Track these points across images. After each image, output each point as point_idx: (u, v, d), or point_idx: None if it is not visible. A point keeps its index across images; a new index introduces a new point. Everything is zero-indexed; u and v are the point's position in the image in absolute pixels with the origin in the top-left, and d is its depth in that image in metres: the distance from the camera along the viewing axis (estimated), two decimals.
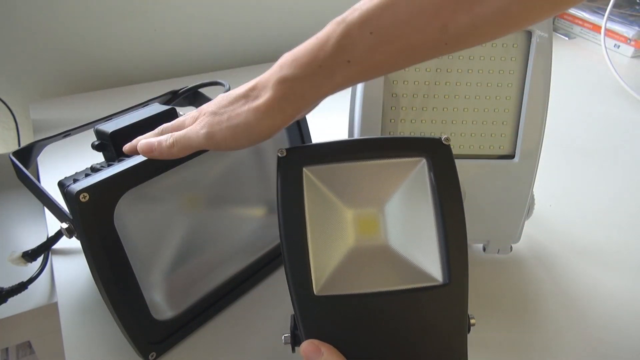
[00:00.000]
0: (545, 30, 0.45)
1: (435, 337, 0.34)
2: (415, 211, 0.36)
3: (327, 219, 0.35)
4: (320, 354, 0.32)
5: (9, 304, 0.49)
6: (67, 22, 0.80)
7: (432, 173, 0.35)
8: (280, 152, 0.35)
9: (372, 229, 0.36)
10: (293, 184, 0.35)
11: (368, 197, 0.36)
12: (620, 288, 0.49)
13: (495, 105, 0.47)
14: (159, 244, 0.42)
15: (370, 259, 0.35)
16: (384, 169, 0.36)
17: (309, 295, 0.33)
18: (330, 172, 0.35)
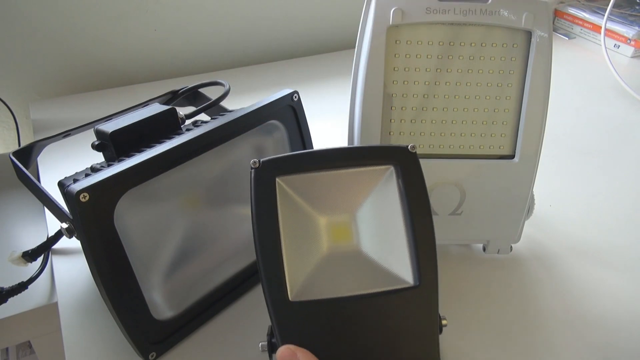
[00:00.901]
0: (545, 30, 0.45)
1: (409, 338, 0.35)
2: (385, 217, 0.37)
3: (301, 227, 0.36)
4: (296, 358, 0.33)
5: (9, 304, 0.49)
6: (67, 21, 0.80)
7: (400, 180, 0.37)
8: (254, 164, 0.36)
9: (345, 235, 0.37)
10: (266, 194, 0.35)
11: (340, 204, 0.37)
12: (620, 288, 0.49)
13: (495, 105, 0.47)
14: (159, 244, 0.42)
15: (343, 264, 0.36)
16: (355, 177, 0.37)
17: (284, 302, 0.34)
18: (303, 182, 0.37)
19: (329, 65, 0.94)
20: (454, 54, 0.46)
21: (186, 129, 0.46)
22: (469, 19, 0.45)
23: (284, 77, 0.90)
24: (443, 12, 0.45)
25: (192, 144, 0.41)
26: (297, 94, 0.49)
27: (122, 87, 0.86)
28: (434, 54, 0.46)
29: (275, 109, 0.47)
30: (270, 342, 0.36)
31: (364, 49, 0.46)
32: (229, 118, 0.44)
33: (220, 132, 0.43)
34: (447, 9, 0.44)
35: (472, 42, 0.46)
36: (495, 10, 0.45)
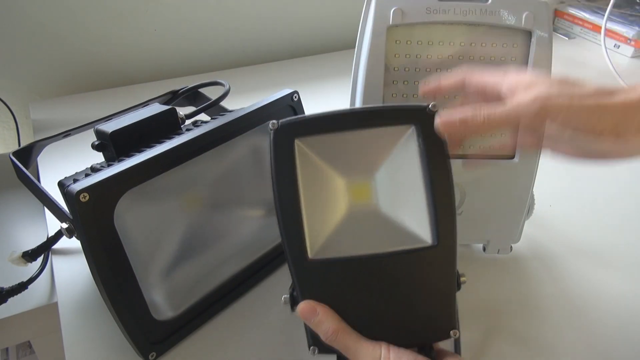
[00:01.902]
0: (545, 30, 0.45)
1: (426, 297, 0.36)
2: (405, 176, 0.37)
3: (320, 188, 0.36)
4: (316, 314, 0.34)
5: (9, 304, 0.49)
6: (67, 22, 0.80)
7: (420, 139, 0.37)
8: (272, 125, 0.36)
9: (364, 195, 0.37)
10: (285, 155, 0.36)
11: (360, 165, 0.37)
12: (620, 288, 0.49)
13: None
14: (159, 243, 0.42)
15: (362, 224, 0.36)
16: (375, 137, 0.37)
17: (304, 259, 0.35)
18: (322, 143, 0.37)
19: (329, 65, 0.94)
20: (454, 54, 0.46)
21: (186, 129, 0.46)
22: (469, 19, 0.45)
23: (284, 77, 0.90)
24: (443, 12, 0.45)
25: (192, 144, 0.41)
26: (297, 94, 0.49)
27: (122, 87, 0.87)
28: (434, 54, 0.46)
29: (275, 109, 0.47)
30: (292, 295, 0.37)
31: (364, 49, 0.46)
32: (229, 118, 0.44)
33: (220, 132, 0.43)
34: (447, 9, 0.44)
35: (472, 43, 0.46)
36: (495, 10, 0.45)
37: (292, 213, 0.35)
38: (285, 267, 0.51)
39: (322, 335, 0.34)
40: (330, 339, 0.34)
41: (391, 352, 0.33)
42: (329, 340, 0.34)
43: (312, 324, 0.34)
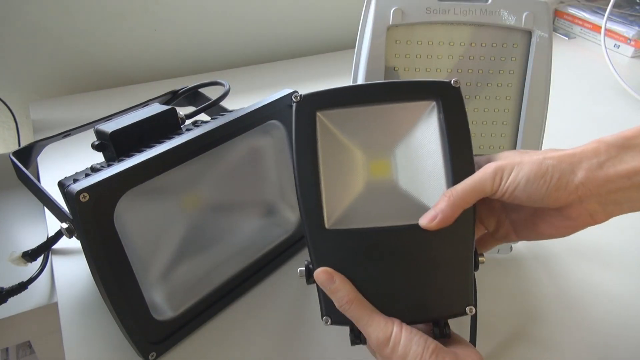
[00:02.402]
0: (545, 30, 0.45)
1: (442, 271, 0.36)
2: (425, 152, 0.37)
3: (340, 160, 0.37)
4: (333, 281, 0.35)
5: (9, 304, 0.49)
6: (67, 22, 0.80)
7: (441, 115, 0.37)
8: (295, 97, 0.36)
9: (384, 169, 0.37)
10: (307, 127, 0.36)
11: (380, 139, 0.37)
12: (620, 288, 0.49)
13: (495, 105, 0.47)
14: (159, 244, 0.42)
15: (380, 197, 0.37)
16: (396, 112, 0.37)
17: (321, 229, 0.35)
18: (343, 116, 0.37)
19: (329, 65, 0.94)
20: (454, 54, 0.46)
21: (186, 129, 0.45)
22: (469, 19, 0.45)
23: (284, 77, 0.90)
24: (443, 12, 0.45)
25: (192, 144, 0.41)
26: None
27: (122, 87, 0.86)
28: (434, 54, 0.46)
29: (275, 109, 0.47)
30: (308, 267, 0.37)
31: (364, 49, 0.46)
32: (229, 118, 0.44)
33: (220, 132, 0.43)
34: (447, 9, 0.44)
35: (472, 43, 0.46)
36: (495, 10, 0.45)
37: (311, 183, 0.35)
38: (285, 267, 0.51)
39: (337, 303, 0.34)
40: (344, 307, 0.34)
41: (403, 331, 0.33)
42: (343, 309, 0.34)
43: (328, 291, 0.35)
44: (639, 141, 0.34)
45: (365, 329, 0.34)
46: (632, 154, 0.33)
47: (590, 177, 0.33)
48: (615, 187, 0.33)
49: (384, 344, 0.33)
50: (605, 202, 0.34)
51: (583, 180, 0.33)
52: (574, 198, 0.34)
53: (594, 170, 0.33)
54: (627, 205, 0.34)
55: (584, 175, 0.33)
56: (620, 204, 0.34)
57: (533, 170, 0.34)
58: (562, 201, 0.34)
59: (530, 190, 0.34)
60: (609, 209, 0.34)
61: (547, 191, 0.33)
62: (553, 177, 0.33)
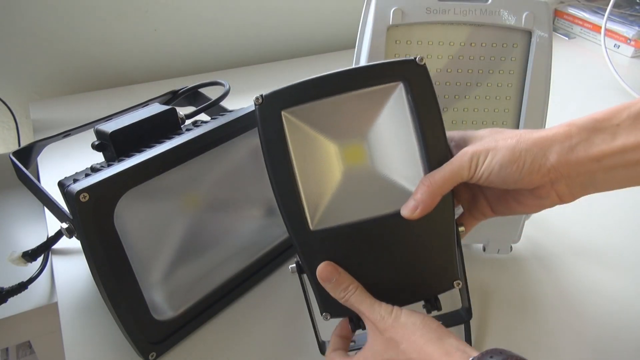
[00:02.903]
0: (545, 30, 0.45)
1: (428, 251, 0.37)
2: (397, 134, 0.37)
3: (314, 157, 0.36)
4: (338, 273, 0.36)
5: (9, 304, 0.49)
6: (67, 22, 0.80)
7: (409, 96, 0.36)
8: (256, 100, 0.35)
9: (358, 157, 0.37)
10: (274, 129, 0.35)
11: (351, 128, 0.37)
12: (619, 288, 0.49)
13: (495, 105, 0.47)
14: (159, 244, 0.42)
15: (359, 187, 0.37)
16: (363, 99, 0.37)
17: (306, 232, 0.36)
18: (310, 111, 0.36)
19: (329, 65, 0.94)
20: (454, 54, 0.46)
21: (186, 129, 0.45)
22: (469, 19, 0.45)
23: (284, 77, 0.90)
24: (443, 12, 0.45)
25: (192, 144, 0.41)
26: None
27: (122, 87, 0.86)
28: (434, 54, 0.46)
29: None
30: (298, 263, 0.37)
31: (364, 49, 0.46)
32: (229, 118, 0.44)
33: (220, 132, 0.43)
34: (447, 9, 0.44)
35: (472, 43, 0.46)
36: (495, 10, 0.45)
37: (289, 187, 0.35)
38: (284, 267, 0.51)
39: (341, 293, 0.35)
40: (347, 296, 0.35)
41: (402, 309, 0.34)
42: (346, 299, 0.35)
43: (332, 283, 0.35)
44: (608, 124, 0.34)
45: (368, 310, 0.35)
46: (603, 137, 0.34)
47: (561, 160, 0.34)
48: (585, 169, 0.34)
49: (387, 316, 0.34)
50: (574, 184, 0.35)
51: (555, 163, 0.34)
52: (546, 180, 0.35)
53: (566, 154, 0.34)
54: (593, 187, 0.35)
55: (555, 158, 0.34)
56: (585, 185, 0.35)
57: (506, 156, 0.34)
58: (535, 183, 0.35)
59: (504, 175, 0.35)
60: (574, 190, 0.35)
61: (520, 175, 0.34)
62: (526, 162, 0.34)
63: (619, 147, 0.33)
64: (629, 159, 0.33)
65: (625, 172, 0.34)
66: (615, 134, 0.33)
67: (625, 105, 0.34)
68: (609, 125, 0.34)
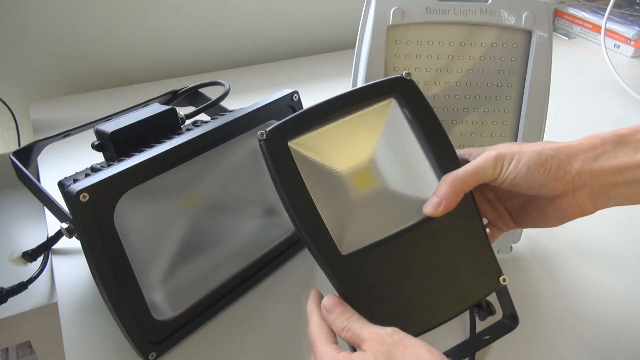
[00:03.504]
0: (545, 30, 0.45)
1: (463, 254, 0.36)
2: (402, 148, 0.38)
3: (326, 184, 0.36)
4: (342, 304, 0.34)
5: (9, 304, 0.49)
6: (67, 22, 0.80)
7: (405, 109, 0.37)
8: (261, 135, 0.35)
9: (369, 181, 0.37)
10: (284, 161, 0.35)
11: (355, 152, 0.37)
12: (620, 288, 0.49)
13: (495, 105, 0.47)
14: (159, 244, 0.42)
15: (377, 207, 0.37)
16: (362, 120, 0.37)
17: (338, 258, 0.35)
18: (314, 139, 0.37)
19: (329, 65, 0.94)
20: (454, 55, 0.46)
21: (186, 129, 0.46)
22: (469, 19, 0.45)
23: (284, 77, 0.90)
24: (443, 12, 0.45)
25: (192, 144, 0.41)
26: (297, 94, 0.49)
27: (122, 87, 0.86)
28: (434, 54, 0.46)
29: (275, 108, 0.47)
30: None
31: (364, 49, 0.46)
32: (229, 118, 0.44)
33: (220, 132, 0.43)
34: (447, 9, 0.44)
35: (472, 43, 0.46)
36: (495, 10, 0.45)
37: (311, 217, 0.35)
38: (284, 267, 0.51)
39: (343, 323, 0.33)
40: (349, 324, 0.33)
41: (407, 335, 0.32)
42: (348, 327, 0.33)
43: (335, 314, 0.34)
44: (632, 138, 0.35)
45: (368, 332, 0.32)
46: (627, 150, 0.35)
47: (585, 168, 0.34)
48: (608, 181, 0.34)
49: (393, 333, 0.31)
50: (596, 195, 0.35)
51: (579, 170, 0.34)
52: (569, 188, 0.35)
53: (590, 163, 0.34)
54: (615, 199, 0.35)
55: (579, 166, 0.34)
56: (609, 197, 0.35)
57: (533, 159, 0.35)
58: (559, 190, 0.35)
59: (530, 178, 0.35)
60: (598, 202, 0.35)
61: (546, 179, 0.35)
62: (552, 167, 0.35)
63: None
64: None
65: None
66: (638, 149, 0.34)
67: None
68: (633, 140, 0.35)
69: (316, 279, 0.50)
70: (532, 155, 0.35)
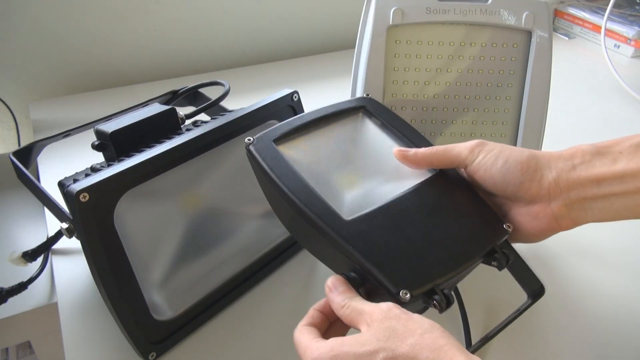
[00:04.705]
0: (545, 30, 0.45)
1: (465, 206, 0.38)
2: (380, 148, 0.42)
3: (319, 173, 0.39)
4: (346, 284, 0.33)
5: (9, 304, 0.49)
6: (67, 22, 0.80)
7: (373, 118, 0.43)
8: (248, 140, 0.38)
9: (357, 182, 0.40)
10: (272, 155, 0.38)
11: (339, 160, 0.41)
12: (620, 288, 0.49)
13: (495, 105, 0.47)
14: (159, 244, 0.42)
15: (370, 184, 0.39)
16: (339, 127, 0.42)
17: (342, 222, 0.35)
18: (298, 144, 0.40)
19: (329, 65, 0.94)
20: (454, 54, 0.46)
21: (186, 129, 0.46)
22: (469, 19, 0.45)
23: (284, 77, 0.90)
24: (443, 12, 0.45)
25: (192, 144, 0.41)
26: (297, 94, 0.49)
27: (122, 87, 0.86)
28: (434, 54, 0.46)
29: (275, 108, 0.47)
30: (350, 277, 0.35)
31: (364, 49, 0.46)
32: (229, 118, 0.44)
33: (220, 132, 0.43)
34: (447, 9, 0.44)
35: (472, 42, 0.46)
36: (495, 10, 0.45)
37: (306, 191, 0.36)
38: (284, 267, 0.51)
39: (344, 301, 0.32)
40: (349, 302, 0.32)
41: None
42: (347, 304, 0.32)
43: (337, 291, 0.33)
44: (611, 150, 0.35)
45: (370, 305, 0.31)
46: (604, 161, 0.35)
47: (563, 176, 0.35)
48: (585, 192, 0.35)
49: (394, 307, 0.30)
50: (572, 206, 0.35)
51: (556, 177, 0.35)
52: (544, 194, 0.35)
53: (567, 171, 0.35)
54: (592, 213, 0.36)
55: (557, 174, 0.35)
56: (585, 210, 0.35)
57: (513, 156, 0.36)
58: (532, 192, 0.35)
59: (506, 173, 0.35)
60: (574, 214, 0.36)
61: (522, 178, 0.35)
62: (530, 167, 0.35)
63: (618, 171, 0.34)
64: (628, 187, 0.34)
65: (624, 200, 0.34)
66: (616, 160, 0.34)
67: (629, 136, 0.36)
68: (612, 151, 0.35)
69: (316, 280, 0.50)
70: (513, 152, 0.36)
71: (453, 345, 0.28)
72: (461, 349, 0.28)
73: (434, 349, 0.27)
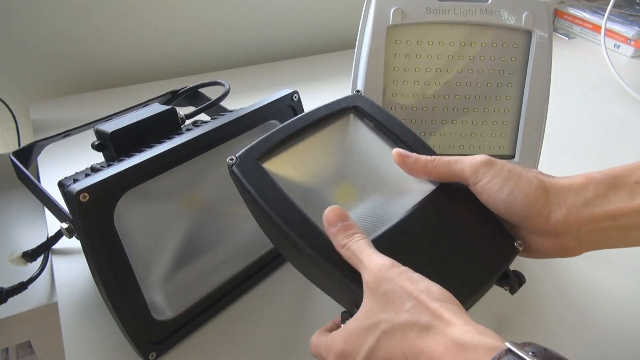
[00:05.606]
0: (545, 30, 0.45)
1: (475, 230, 0.35)
2: (375, 153, 0.39)
3: (306, 195, 0.36)
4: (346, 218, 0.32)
5: (9, 304, 0.49)
6: (67, 22, 0.80)
7: (365, 120, 0.40)
8: (230, 160, 0.35)
9: (352, 194, 0.37)
10: (258, 176, 0.35)
11: (329, 167, 0.38)
12: (620, 288, 0.49)
13: (495, 105, 0.47)
14: (159, 243, 0.42)
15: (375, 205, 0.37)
16: (327, 136, 0.39)
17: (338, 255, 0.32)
18: (285, 159, 0.37)
19: (329, 65, 0.94)
20: (454, 54, 0.46)
21: (186, 129, 0.46)
22: (469, 19, 0.45)
23: (284, 77, 0.90)
24: (443, 12, 0.45)
25: (192, 144, 0.41)
26: (297, 94, 0.49)
27: (122, 87, 0.86)
28: (434, 54, 0.46)
29: (275, 108, 0.47)
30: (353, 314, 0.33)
31: (364, 49, 0.46)
32: (229, 118, 0.44)
33: (220, 132, 0.43)
34: (447, 9, 0.44)
35: (472, 42, 0.46)
36: (495, 10, 0.45)
37: (303, 221, 0.33)
38: (284, 267, 0.51)
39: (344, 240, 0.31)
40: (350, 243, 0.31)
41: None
42: (348, 246, 0.31)
43: (338, 228, 0.31)
44: (627, 180, 0.32)
45: (368, 257, 0.30)
46: (620, 195, 0.32)
47: (573, 213, 0.32)
48: (598, 226, 0.32)
49: (392, 265, 0.29)
50: (583, 239, 0.33)
51: (565, 215, 0.32)
52: (551, 229, 0.33)
53: (579, 207, 0.32)
54: (604, 243, 0.33)
55: (566, 211, 0.32)
56: (597, 242, 0.33)
57: (520, 186, 0.33)
58: (539, 228, 0.33)
59: (512, 205, 0.33)
60: (584, 246, 0.34)
61: (528, 212, 0.33)
62: (537, 202, 0.32)
63: (637, 206, 0.31)
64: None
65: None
66: (634, 193, 0.32)
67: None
68: (628, 182, 0.32)
69: None
70: (520, 180, 0.33)
71: (448, 308, 0.27)
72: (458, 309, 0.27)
73: (433, 310, 0.27)
